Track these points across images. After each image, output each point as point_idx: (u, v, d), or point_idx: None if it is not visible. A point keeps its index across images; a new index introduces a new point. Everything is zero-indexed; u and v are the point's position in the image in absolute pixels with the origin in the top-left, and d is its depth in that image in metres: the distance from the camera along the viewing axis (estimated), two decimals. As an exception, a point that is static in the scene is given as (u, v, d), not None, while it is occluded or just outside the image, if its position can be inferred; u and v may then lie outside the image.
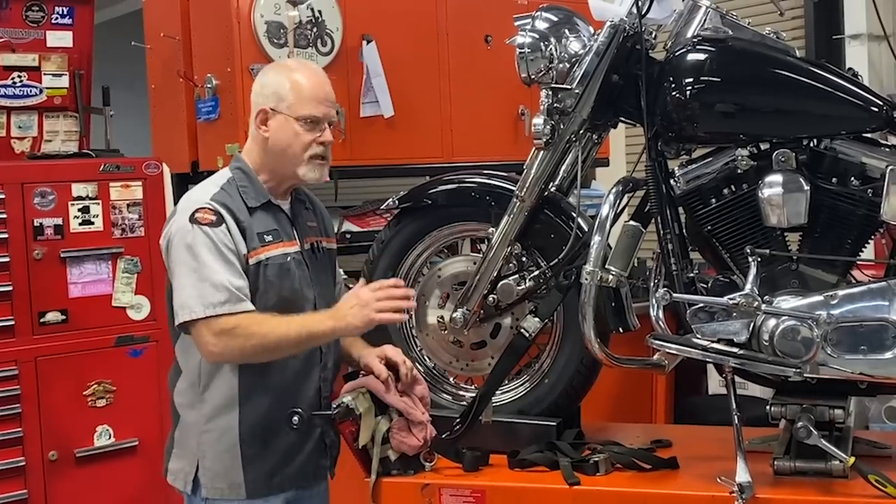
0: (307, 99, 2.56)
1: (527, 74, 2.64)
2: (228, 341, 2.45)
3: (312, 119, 2.56)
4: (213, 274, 2.45)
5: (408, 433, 2.55)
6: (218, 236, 2.48)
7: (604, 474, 2.49)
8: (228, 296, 2.44)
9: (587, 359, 2.65)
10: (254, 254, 2.53)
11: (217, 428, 2.56)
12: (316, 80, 2.62)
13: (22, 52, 4.07)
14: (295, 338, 2.47)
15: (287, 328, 2.46)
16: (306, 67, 2.68)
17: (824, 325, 2.31)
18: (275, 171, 2.61)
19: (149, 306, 3.96)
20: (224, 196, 2.54)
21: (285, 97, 2.56)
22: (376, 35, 4.06)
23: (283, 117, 2.56)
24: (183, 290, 2.47)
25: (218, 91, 3.94)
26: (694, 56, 2.47)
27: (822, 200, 2.41)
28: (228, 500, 2.56)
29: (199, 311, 2.44)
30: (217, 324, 2.44)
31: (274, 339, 2.46)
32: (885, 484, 2.24)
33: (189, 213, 2.50)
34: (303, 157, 2.56)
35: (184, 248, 2.48)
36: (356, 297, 2.50)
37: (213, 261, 2.46)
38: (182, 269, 2.49)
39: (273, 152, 2.59)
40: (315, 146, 2.56)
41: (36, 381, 3.73)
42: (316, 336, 2.50)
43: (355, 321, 2.48)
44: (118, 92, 4.38)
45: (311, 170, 2.58)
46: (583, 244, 2.58)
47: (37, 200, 3.75)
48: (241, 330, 2.44)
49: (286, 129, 2.56)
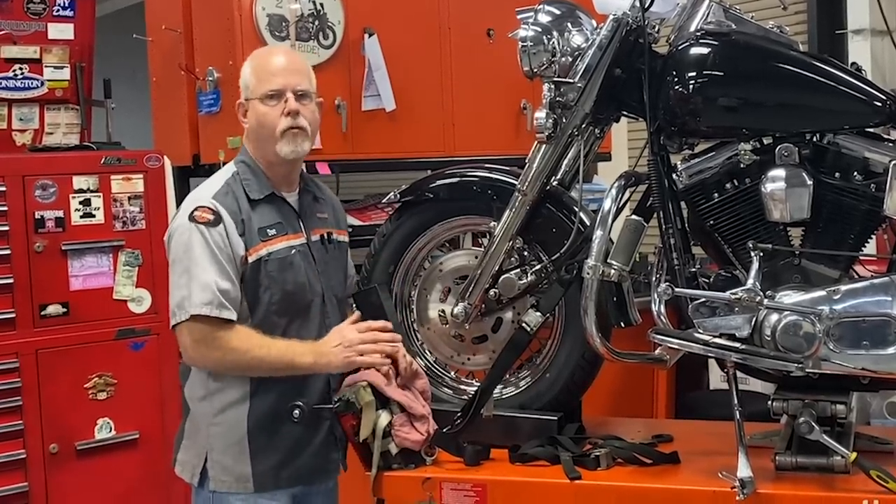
0: (264, 76, 2.59)
1: (529, 68, 2.64)
2: (206, 351, 2.48)
3: (272, 94, 2.56)
4: (202, 273, 2.46)
5: (410, 428, 2.55)
6: (213, 237, 2.48)
7: (605, 469, 2.49)
8: (211, 297, 2.45)
9: (588, 353, 2.64)
10: (254, 251, 2.53)
11: (226, 421, 2.56)
12: (275, 56, 2.65)
13: (23, 45, 4.05)
14: (272, 363, 2.48)
15: (267, 352, 2.47)
16: (269, 49, 2.71)
17: (826, 320, 2.30)
18: (265, 160, 2.62)
19: (150, 299, 3.95)
20: (226, 193, 2.55)
21: (248, 83, 2.61)
22: (378, 28, 4.06)
23: (252, 102, 2.60)
24: (176, 291, 2.50)
25: (219, 84, 3.94)
26: (697, 50, 2.47)
27: (825, 195, 2.40)
28: (235, 493, 2.56)
29: (185, 311, 2.46)
30: (198, 330, 2.46)
31: (251, 359, 2.47)
32: (886, 479, 2.24)
33: (189, 211, 2.52)
34: (275, 134, 2.57)
35: (181, 245, 2.50)
36: (341, 336, 2.52)
37: (204, 260, 2.47)
38: (176, 268, 2.51)
39: (255, 141, 2.62)
40: (283, 119, 2.56)
41: (37, 374, 3.72)
42: (295, 367, 2.51)
43: (336, 361, 2.50)
44: (119, 85, 4.37)
45: (286, 143, 2.57)
46: (584, 239, 2.57)
47: (38, 193, 3.74)
48: (221, 342, 2.46)
49: (256, 114, 2.59)
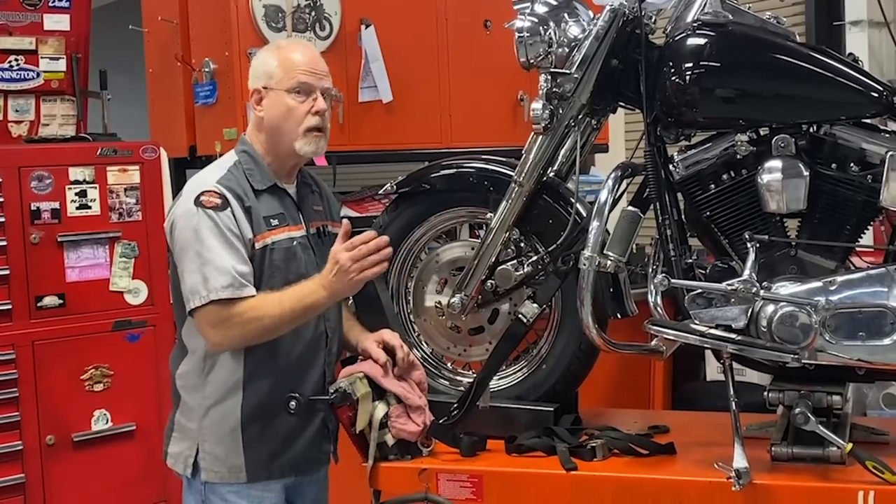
0: (296, 70, 2.56)
1: (526, 59, 2.63)
2: (226, 331, 2.46)
3: (302, 88, 2.55)
4: (217, 258, 2.44)
5: (407, 419, 2.55)
6: (223, 220, 2.47)
7: (601, 460, 2.49)
8: (231, 280, 2.44)
9: (585, 344, 2.64)
10: (260, 238, 2.52)
11: (219, 411, 2.55)
12: (305, 53, 2.62)
13: (19, 36, 4.05)
14: (290, 314, 2.47)
15: (281, 308, 2.46)
16: (296, 43, 2.68)
17: (823, 311, 2.30)
18: (275, 151, 2.60)
19: (146, 291, 3.94)
20: (230, 179, 2.54)
21: (274, 73, 2.57)
22: (375, 19, 4.04)
23: (275, 93, 2.56)
24: (190, 276, 2.47)
25: (216, 75, 3.93)
26: (694, 41, 2.46)
27: (822, 186, 2.40)
28: (229, 484, 2.56)
29: (203, 296, 2.44)
30: (214, 313, 2.44)
31: (270, 321, 2.46)
32: (882, 470, 2.24)
33: (194, 197, 2.49)
34: (298, 130, 2.55)
35: (189, 231, 2.48)
36: (335, 264, 2.47)
37: (217, 245, 2.45)
38: (188, 253, 2.48)
39: (270, 131, 2.59)
40: (310, 118, 2.55)
41: (33, 366, 3.72)
42: (315, 307, 2.49)
43: (342, 287, 2.47)
44: (116, 76, 4.35)
45: (308, 143, 2.57)
46: (581, 230, 2.57)
47: (34, 184, 3.74)
48: (237, 318, 2.44)
49: (279, 105, 2.56)
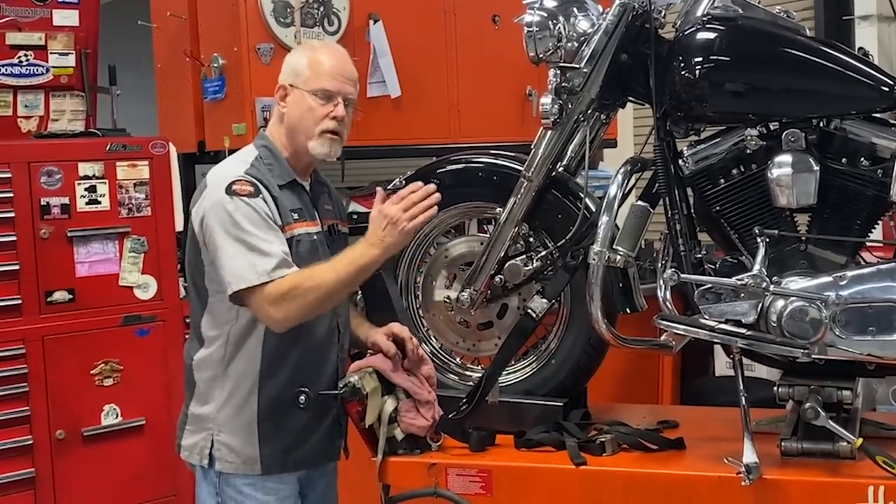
0: (323, 74, 2.59)
1: (535, 53, 2.62)
2: (288, 305, 2.45)
3: (325, 93, 2.58)
4: (261, 242, 2.46)
5: (416, 414, 2.55)
6: (259, 205, 2.49)
7: (610, 455, 2.49)
8: (279, 261, 2.45)
9: (594, 339, 2.64)
10: (288, 229, 2.54)
11: (236, 403, 2.57)
12: (336, 58, 2.65)
13: (28, 31, 4.06)
14: (346, 277, 2.48)
15: (336, 273, 2.47)
16: (329, 47, 2.71)
17: (833, 306, 2.30)
18: (293, 148, 2.63)
19: (155, 286, 3.95)
20: (257, 170, 2.56)
21: (302, 73, 2.60)
22: (383, 14, 4.05)
23: (299, 92, 2.60)
24: (232, 260, 2.46)
25: (224, 70, 3.94)
26: (704, 35, 2.45)
27: (832, 181, 2.39)
28: (244, 476, 2.57)
29: (252, 279, 2.44)
30: (272, 291, 2.44)
31: (328, 288, 2.46)
32: (892, 465, 2.24)
33: (225, 186, 2.50)
34: (314, 130, 2.58)
35: (226, 218, 2.47)
36: (384, 217, 2.48)
37: (257, 230, 2.46)
38: (227, 239, 2.47)
39: (289, 127, 2.62)
40: (327, 121, 2.58)
41: (43, 360, 3.74)
42: (368, 268, 2.50)
43: (393, 239, 2.47)
44: (124, 71, 4.36)
45: (321, 144, 2.59)
46: (590, 224, 2.56)
47: (43, 179, 3.75)
48: (296, 291, 2.44)
49: (301, 103, 2.59)
